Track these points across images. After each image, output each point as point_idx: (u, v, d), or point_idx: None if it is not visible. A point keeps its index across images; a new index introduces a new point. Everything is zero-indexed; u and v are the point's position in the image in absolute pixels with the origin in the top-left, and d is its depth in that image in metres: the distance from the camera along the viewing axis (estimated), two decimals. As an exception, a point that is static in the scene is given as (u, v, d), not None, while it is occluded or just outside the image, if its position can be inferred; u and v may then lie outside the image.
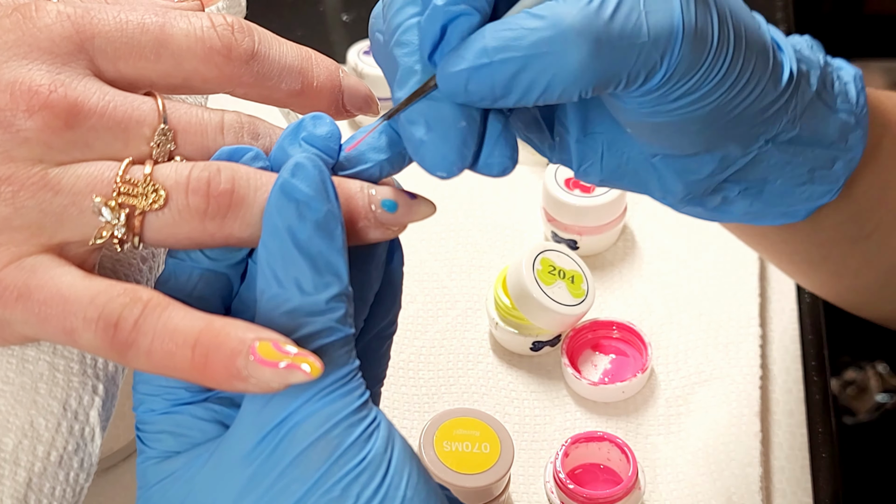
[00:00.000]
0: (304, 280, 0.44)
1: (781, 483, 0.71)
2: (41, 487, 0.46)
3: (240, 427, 0.45)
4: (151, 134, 0.46)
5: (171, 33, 0.48)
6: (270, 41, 0.50)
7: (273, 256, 0.44)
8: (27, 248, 0.45)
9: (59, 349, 0.48)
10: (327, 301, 0.44)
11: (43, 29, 0.46)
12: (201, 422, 0.46)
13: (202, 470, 0.45)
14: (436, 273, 0.83)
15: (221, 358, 0.43)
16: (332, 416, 0.44)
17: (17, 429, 0.46)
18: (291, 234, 0.44)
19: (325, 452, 0.44)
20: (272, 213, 0.45)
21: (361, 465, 0.44)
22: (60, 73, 0.46)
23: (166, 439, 0.46)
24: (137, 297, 0.44)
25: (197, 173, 0.45)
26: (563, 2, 0.46)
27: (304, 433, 0.44)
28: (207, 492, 0.45)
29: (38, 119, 0.45)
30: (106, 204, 0.45)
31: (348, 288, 0.45)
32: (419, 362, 0.78)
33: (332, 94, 0.51)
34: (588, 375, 0.76)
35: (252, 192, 0.46)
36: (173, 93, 0.49)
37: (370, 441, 0.44)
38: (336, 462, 0.44)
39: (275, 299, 0.44)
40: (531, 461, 0.73)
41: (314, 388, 0.44)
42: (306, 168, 0.45)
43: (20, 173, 0.45)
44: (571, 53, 0.46)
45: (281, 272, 0.44)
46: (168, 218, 0.45)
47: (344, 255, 0.45)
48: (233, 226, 0.46)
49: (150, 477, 0.46)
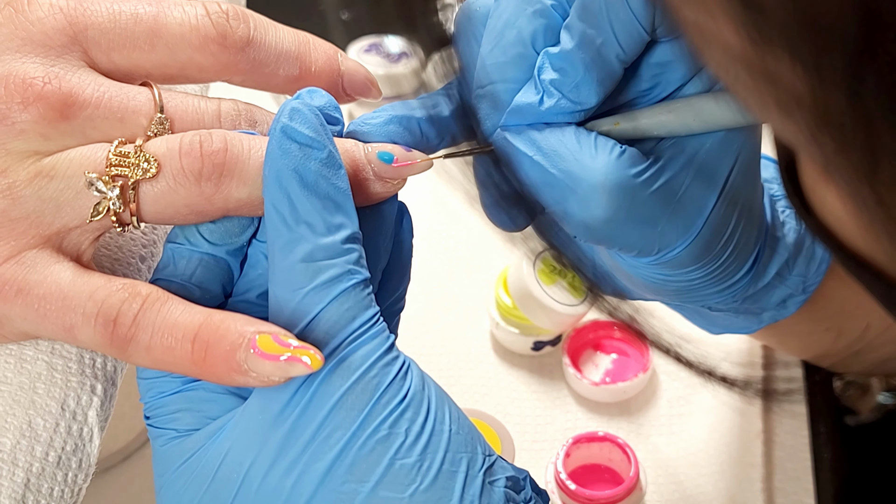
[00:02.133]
0: (316, 221, 0.44)
1: (783, 483, 0.71)
2: (39, 488, 0.46)
3: (263, 391, 0.44)
4: (148, 123, 0.46)
5: (165, 22, 0.48)
6: (266, 27, 0.49)
7: (281, 201, 0.44)
8: (27, 240, 0.45)
9: (57, 349, 0.48)
10: (343, 241, 0.44)
11: (36, 22, 0.46)
12: (217, 395, 0.46)
13: (228, 440, 0.44)
14: (436, 273, 0.83)
15: (221, 352, 0.43)
16: (368, 356, 0.44)
17: (15, 429, 0.46)
18: (298, 175, 0.44)
19: (367, 393, 0.43)
20: (276, 157, 0.44)
21: (405, 402, 0.44)
22: (55, 66, 0.46)
23: (184, 417, 0.46)
24: (136, 291, 0.44)
25: (189, 138, 0.45)
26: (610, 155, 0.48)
27: (341, 378, 0.43)
28: (240, 461, 0.44)
29: (33, 111, 0.45)
30: (99, 178, 0.45)
31: (359, 231, 0.45)
32: (420, 362, 0.77)
33: (331, 79, 0.50)
34: (589, 375, 0.75)
35: (246, 149, 0.45)
36: (170, 82, 0.49)
37: (406, 379, 0.44)
38: (378, 401, 0.43)
39: (289, 246, 0.44)
40: (532, 461, 0.72)
41: (345, 331, 0.43)
42: (303, 112, 0.45)
43: (16, 165, 0.45)
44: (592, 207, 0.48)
45: (290, 216, 0.44)
46: (163, 185, 0.45)
47: (350, 196, 0.45)
48: (230, 185, 0.45)
49: (172, 459, 0.46)
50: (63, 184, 0.45)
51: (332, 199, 0.44)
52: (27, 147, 0.45)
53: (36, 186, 0.45)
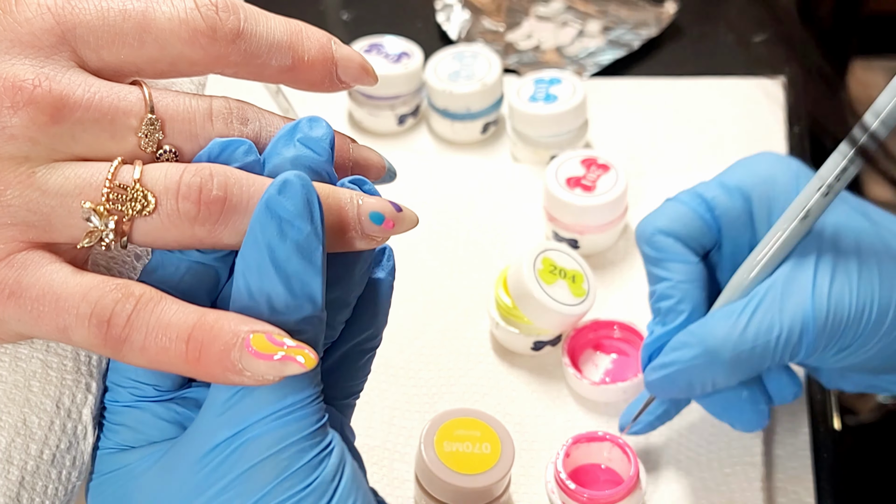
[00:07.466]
0: (277, 299, 0.44)
1: (783, 483, 0.71)
2: (34, 485, 0.46)
3: (195, 432, 0.45)
4: (139, 124, 0.46)
5: (154, 17, 0.47)
6: (257, 17, 0.49)
7: (250, 270, 0.44)
8: (17, 245, 0.45)
9: (52, 347, 0.48)
10: (297, 322, 0.44)
11: (24, 23, 0.46)
12: (161, 421, 0.46)
13: (153, 468, 0.46)
14: (436, 273, 0.83)
15: (215, 351, 0.43)
16: (286, 437, 0.44)
17: (9, 427, 0.46)
18: (270, 252, 0.44)
19: (273, 472, 0.44)
20: (254, 227, 0.44)
21: (307, 490, 0.44)
22: (44, 67, 0.45)
23: (124, 433, 0.47)
24: (130, 292, 0.44)
25: (188, 178, 0.45)
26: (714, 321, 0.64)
27: (256, 450, 0.44)
28: (155, 491, 0.45)
29: (23, 115, 0.44)
30: (95, 210, 0.44)
31: (322, 312, 0.45)
32: (419, 362, 0.78)
33: (324, 67, 0.50)
34: (589, 375, 0.75)
35: (245, 200, 0.45)
36: (161, 78, 0.48)
37: (319, 467, 0.45)
38: (282, 483, 0.44)
39: (246, 311, 0.44)
40: (532, 461, 0.72)
41: (273, 406, 0.44)
42: (294, 186, 0.44)
43: (6, 172, 0.44)
44: (717, 367, 0.63)
45: (255, 287, 0.44)
46: (157, 223, 0.45)
47: (321, 278, 0.45)
48: (222, 233, 0.45)
49: (102, 466, 0.47)
50: (56, 202, 0.45)
51: (301, 279, 0.44)
52: (17, 152, 0.44)
53: (27, 198, 0.44)
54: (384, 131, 0.93)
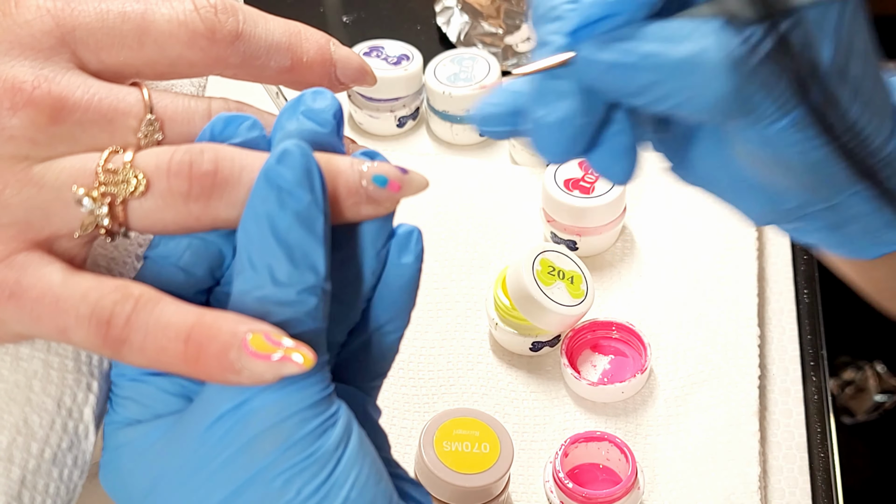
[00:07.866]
0: (279, 270, 0.44)
1: (780, 483, 0.71)
2: (35, 485, 0.46)
3: (199, 405, 0.45)
4: (138, 125, 0.46)
5: (153, 19, 0.47)
6: (256, 19, 0.49)
7: (251, 241, 0.44)
8: (16, 245, 0.45)
9: (53, 347, 0.48)
10: (299, 292, 0.44)
11: (23, 25, 0.46)
12: (166, 394, 0.46)
13: (159, 441, 0.45)
14: (436, 273, 0.83)
15: (214, 351, 0.43)
16: (287, 407, 0.44)
17: (11, 426, 0.46)
18: (270, 222, 0.44)
19: (274, 443, 0.44)
20: (254, 199, 0.44)
21: (308, 460, 0.44)
22: (44, 69, 0.45)
23: (130, 406, 0.46)
24: (128, 292, 0.44)
25: (179, 156, 0.45)
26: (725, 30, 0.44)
27: (257, 421, 0.44)
28: (162, 464, 0.45)
29: (22, 116, 0.45)
30: (88, 194, 0.44)
31: (325, 282, 0.45)
32: (419, 362, 0.78)
33: (323, 68, 0.50)
34: (587, 376, 0.76)
35: (237, 171, 0.45)
36: (161, 79, 0.49)
37: (322, 437, 0.44)
38: (283, 454, 0.44)
39: (246, 283, 0.44)
40: (531, 461, 0.73)
41: None
42: (293, 155, 0.44)
43: (5, 171, 0.45)
44: (714, 86, 0.44)
45: (256, 258, 0.44)
46: (151, 203, 0.45)
47: (324, 247, 0.44)
48: (218, 207, 0.45)
49: (111, 441, 0.47)
50: (52, 194, 0.45)
51: (303, 249, 0.44)
52: (16, 152, 0.45)
53: (25, 195, 0.45)
54: (384, 133, 0.93)
